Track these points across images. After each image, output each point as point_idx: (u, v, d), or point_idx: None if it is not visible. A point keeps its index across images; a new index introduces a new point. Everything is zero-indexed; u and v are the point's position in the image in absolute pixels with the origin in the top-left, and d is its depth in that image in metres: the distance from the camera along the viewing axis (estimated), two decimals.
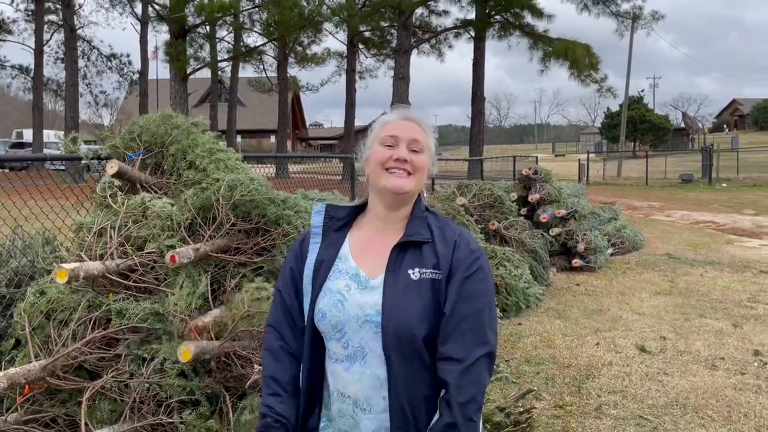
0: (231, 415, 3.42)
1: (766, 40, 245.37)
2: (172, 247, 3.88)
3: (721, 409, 4.55)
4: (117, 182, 4.30)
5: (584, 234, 10.02)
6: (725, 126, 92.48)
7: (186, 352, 3.24)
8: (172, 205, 4.12)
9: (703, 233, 14.97)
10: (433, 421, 1.70)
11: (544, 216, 10.01)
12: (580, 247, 9.79)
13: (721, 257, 11.32)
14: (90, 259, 3.86)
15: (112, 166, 4.26)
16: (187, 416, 3.46)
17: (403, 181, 1.77)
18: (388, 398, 1.71)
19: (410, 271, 1.73)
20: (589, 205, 12.17)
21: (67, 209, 4.69)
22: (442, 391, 1.69)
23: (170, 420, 3.46)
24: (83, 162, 4.57)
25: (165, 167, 4.58)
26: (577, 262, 9.80)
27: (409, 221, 1.82)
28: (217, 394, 3.58)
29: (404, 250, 1.76)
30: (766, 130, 77.34)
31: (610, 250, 11.06)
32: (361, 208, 1.94)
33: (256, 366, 3.31)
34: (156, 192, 4.51)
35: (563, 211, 10.09)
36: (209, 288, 3.89)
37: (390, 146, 1.81)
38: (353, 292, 1.77)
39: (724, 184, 31.10)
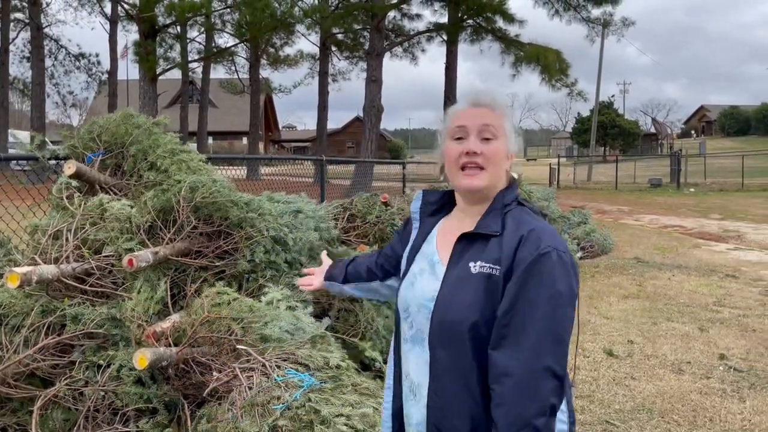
0: (189, 423, 3.32)
1: (729, 48, 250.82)
2: (131, 250, 3.77)
3: (687, 414, 4.54)
4: (75, 183, 4.18)
5: None
6: (693, 132, 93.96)
7: (142, 358, 3.13)
8: (132, 207, 4.01)
9: (671, 237, 15.12)
10: None
11: None
12: None
13: (688, 261, 11.43)
14: (45, 263, 3.74)
15: (70, 167, 4.14)
16: (143, 425, 3.35)
17: (476, 180, 1.70)
18: (428, 394, 1.67)
19: (471, 264, 1.64)
20: (559, 208, 12.21)
21: (23, 211, 4.54)
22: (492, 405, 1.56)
23: (126, 429, 3.35)
24: (40, 162, 4.43)
25: (125, 168, 4.46)
26: None
27: (484, 213, 1.73)
28: (175, 402, 3.47)
29: (471, 242, 1.68)
30: (733, 136, 78.80)
31: (579, 254, 11.09)
32: (453, 193, 1.89)
33: (215, 373, 3.21)
34: (116, 193, 4.39)
35: None
36: (169, 293, 3.79)
37: (460, 138, 1.73)
38: (425, 275, 1.76)
39: (692, 189, 31.55)
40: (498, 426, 1.50)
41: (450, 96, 25.05)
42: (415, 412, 1.70)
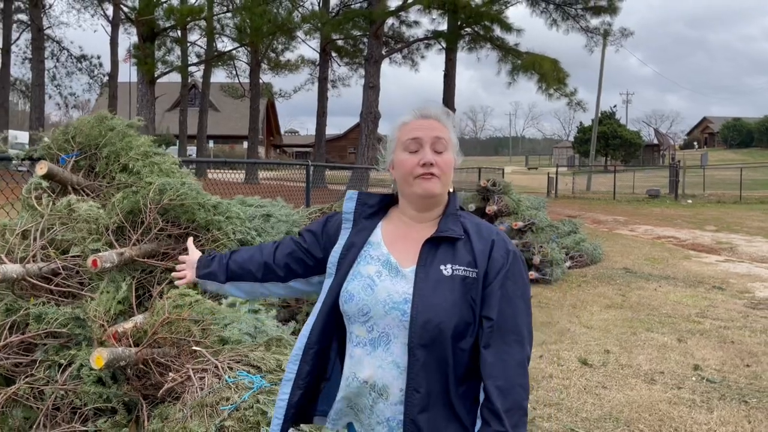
0: (147, 423, 3.35)
1: (731, 60, 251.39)
2: (98, 251, 3.80)
3: (653, 423, 4.56)
4: (45, 183, 4.21)
5: (541, 246, 10.07)
6: (695, 143, 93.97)
7: (99, 358, 3.16)
8: (100, 208, 4.04)
9: (663, 248, 15.13)
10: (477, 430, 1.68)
11: (501, 228, 10.03)
12: (536, 259, 9.82)
13: (677, 272, 11.44)
14: (11, 262, 3.77)
15: (42, 167, 4.18)
16: (102, 424, 3.38)
17: (432, 185, 1.77)
18: (405, 390, 1.69)
19: (442, 267, 1.72)
20: (548, 217, 12.23)
21: None
22: (482, 397, 1.67)
23: (84, 428, 3.38)
24: (13, 162, 4.47)
25: (98, 170, 4.50)
26: (532, 274, 9.82)
27: (442, 218, 1.82)
28: (135, 402, 3.50)
29: (436, 246, 1.76)
30: (735, 149, 78.80)
31: (567, 263, 11.12)
32: (391, 198, 1.95)
33: (171, 374, 3.24)
34: (89, 194, 4.43)
35: (520, 224, 10.14)
36: (134, 294, 3.82)
37: (414, 151, 1.80)
38: (384, 278, 1.77)
39: (690, 201, 31.55)
40: (499, 414, 1.62)
41: (448, 103, 25.12)
42: (384, 409, 1.73)
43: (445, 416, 1.69)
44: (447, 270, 1.72)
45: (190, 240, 2.31)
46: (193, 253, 2.23)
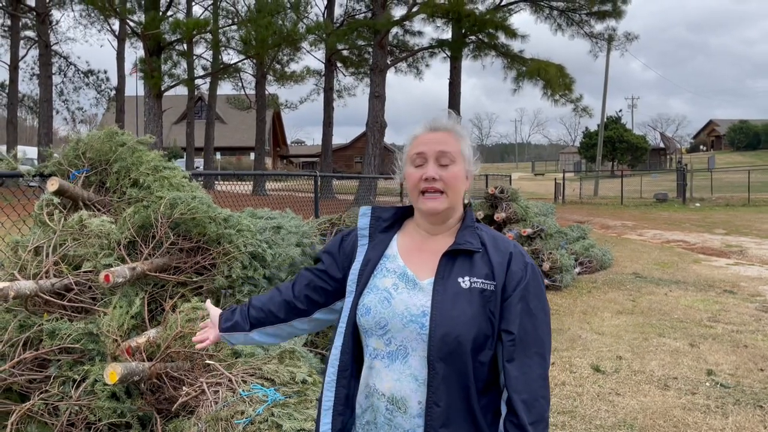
0: None
1: (733, 63, 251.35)
2: (110, 266, 3.82)
3: (668, 430, 4.53)
4: (56, 200, 4.23)
5: (550, 253, 10.04)
6: (702, 146, 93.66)
7: (113, 373, 3.18)
8: (112, 223, 4.06)
9: (673, 252, 15.07)
10: None
11: (509, 235, 10.01)
12: (546, 266, 9.80)
13: (687, 276, 11.39)
14: (24, 278, 3.79)
15: (53, 184, 4.21)
16: None
17: (435, 203, 1.78)
18: (425, 404, 1.69)
19: (460, 279, 1.73)
20: (557, 224, 12.20)
21: (8, 226, 4.61)
22: (505, 411, 1.68)
23: None
24: (24, 178, 4.50)
25: (109, 185, 4.52)
26: None
27: (459, 230, 1.83)
28: (149, 417, 3.50)
29: (453, 258, 1.77)
30: (742, 151, 78.49)
31: (577, 269, 11.09)
32: (406, 211, 1.96)
33: (184, 388, 3.25)
34: (99, 210, 4.45)
35: (529, 230, 10.12)
36: (146, 308, 3.83)
37: (419, 165, 1.81)
38: (401, 290, 1.77)
39: (698, 204, 31.42)
40: (525, 428, 1.63)
41: (455, 111, 25.11)
42: (403, 422, 1.73)
43: (466, 431, 1.70)
44: (465, 283, 1.72)
45: (209, 301, 2.22)
46: (213, 311, 2.13)
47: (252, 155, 44.53)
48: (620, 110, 65.31)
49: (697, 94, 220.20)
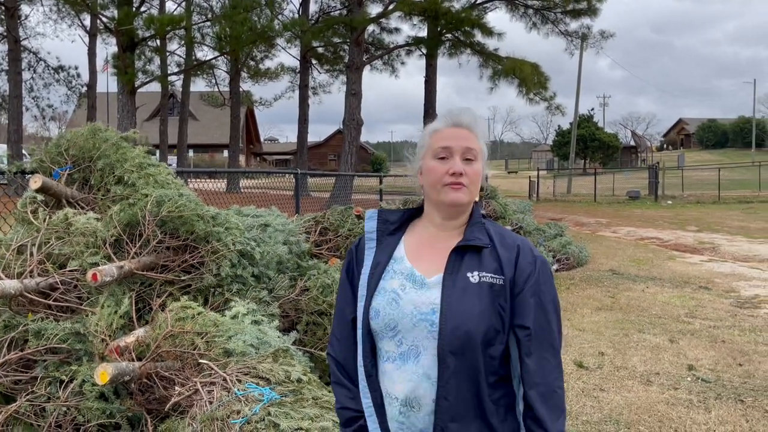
0: None
1: (698, 64, 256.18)
2: (96, 264, 3.76)
3: (653, 425, 4.59)
4: (40, 197, 4.16)
5: None
6: (668, 145, 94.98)
7: (103, 374, 3.12)
8: (98, 220, 4.00)
9: (647, 249, 15.27)
10: None
11: None
12: None
13: (662, 273, 11.55)
14: (8, 277, 3.72)
15: (36, 181, 4.13)
16: None
17: (459, 195, 1.77)
18: (435, 400, 1.69)
19: (469, 274, 1.73)
20: (535, 221, 12.29)
21: None
22: (523, 405, 1.70)
23: None
24: (5, 176, 4.41)
25: (93, 182, 4.46)
26: None
27: (467, 226, 1.83)
28: (139, 417, 3.46)
29: (462, 254, 1.77)
30: (711, 149, 79.83)
31: (555, 266, 11.18)
32: (413, 212, 1.95)
33: (177, 388, 3.21)
34: (83, 208, 4.38)
35: (508, 228, 10.17)
36: (134, 307, 3.78)
37: (443, 158, 1.80)
38: (408, 290, 1.77)
39: (670, 201, 31.89)
40: (543, 420, 1.65)
41: (429, 109, 25.22)
42: (416, 421, 1.73)
43: (477, 427, 1.69)
44: (474, 277, 1.72)
45: None
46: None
47: (225, 152, 44.17)
48: (592, 109, 65.87)
49: (664, 93, 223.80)
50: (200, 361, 3.20)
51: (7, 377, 3.49)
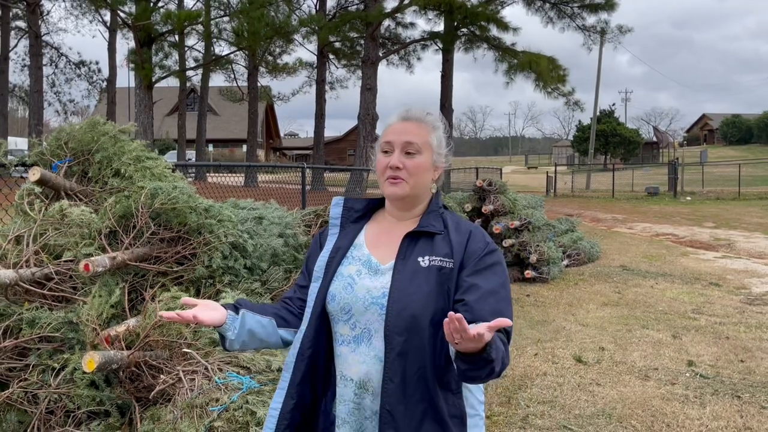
0: (140, 425, 3.38)
1: (718, 59, 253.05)
2: (90, 255, 3.83)
3: (645, 419, 4.58)
4: (38, 189, 4.24)
5: (538, 245, 10.09)
6: (685, 142, 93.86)
7: (90, 361, 3.19)
8: (92, 212, 4.08)
9: (661, 245, 15.14)
10: None
11: (497, 227, 10.07)
12: (533, 258, 9.85)
13: (674, 269, 11.46)
14: (4, 267, 3.81)
15: (34, 173, 4.22)
16: (95, 427, 3.42)
17: (397, 189, 1.84)
18: (382, 379, 1.73)
19: (420, 259, 1.78)
20: (546, 216, 12.26)
21: None
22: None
23: (78, 431, 3.41)
24: (12, 167, 4.51)
25: (91, 175, 4.53)
26: (529, 273, 9.86)
27: (423, 215, 1.88)
28: (128, 405, 3.53)
29: (415, 240, 1.82)
30: (734, 145, 78.76)
31: (565, 262, 11.14)
32: (378, 202, 2.01)
33: (162, 376, 3.27)
34: (81, 200, 4.46)
35: (517, 223, 10.16)
36: (127, 297, 3.85)
37: (386, 152, 1.87)
38: (363, 276, 1.83)
39: (689, 198, 31.56)
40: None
41: (445, 104, 25.17)
42: (371, 404, 1.78)
43: (422, 410, 1.72)
44: (424, 261, 1.77)
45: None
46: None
47: (245, 147, 44.48)
48: (613, 104, 65.45)
49: (686, 88, 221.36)
50: (184, 350, 3.27)
51: (2, 364, 3.58)
